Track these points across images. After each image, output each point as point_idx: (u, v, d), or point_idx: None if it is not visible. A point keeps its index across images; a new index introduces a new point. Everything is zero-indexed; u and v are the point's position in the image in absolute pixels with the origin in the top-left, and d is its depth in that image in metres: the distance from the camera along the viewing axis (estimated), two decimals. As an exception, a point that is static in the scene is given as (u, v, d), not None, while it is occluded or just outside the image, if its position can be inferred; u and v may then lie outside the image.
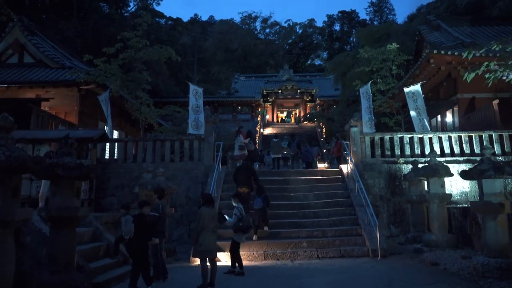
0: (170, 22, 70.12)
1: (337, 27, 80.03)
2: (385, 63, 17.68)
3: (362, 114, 15.51)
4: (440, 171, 10.88)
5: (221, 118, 34.92)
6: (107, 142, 14.85)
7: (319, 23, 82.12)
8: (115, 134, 23.16)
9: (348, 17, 78.89)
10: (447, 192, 11.56)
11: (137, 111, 16.56)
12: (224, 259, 10.68)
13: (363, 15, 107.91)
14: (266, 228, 11.49)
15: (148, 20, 17.12)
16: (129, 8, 48.89)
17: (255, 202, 11.38)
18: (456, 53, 16.54)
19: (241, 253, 10.71)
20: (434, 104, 19.37)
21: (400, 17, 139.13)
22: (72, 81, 17.36)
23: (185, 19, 75.60)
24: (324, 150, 28.06)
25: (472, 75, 8.36)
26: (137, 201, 11.29)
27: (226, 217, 9.16)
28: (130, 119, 18.19)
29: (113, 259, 9.19)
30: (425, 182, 12.74)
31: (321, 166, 22.04)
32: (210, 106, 34.59)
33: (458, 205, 12.91)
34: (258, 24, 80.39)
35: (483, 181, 7.85)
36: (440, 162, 12.09)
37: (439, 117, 20.65)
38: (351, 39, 75.12)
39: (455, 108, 18.91)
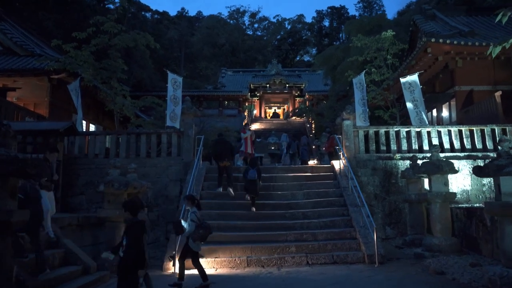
0: (156, 16, 68.69)
1: (326, 23, 79.50)
2: (379, 53, 16.55)
3: (355, 106, 14.37)
4: (443, 168, 9.75)
5: (207, 113, 33.67)
6: (76, 135, 13.48)
7: (308, 19, 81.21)
8: (92, 129, 21.79)
9: (337, 13, 78.32)
10: (450, 190, 10.42)
11: (111, 101, 15.18)
12: (204, 265, 9.47)
13: (352, 11, 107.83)
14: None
15: (123, 3, 15.74)
16: (113, -1, 47.15)
17: (249, 173, 11.21)
18: (455, 42, 15.48)
19: (222, 259, 9.61)
20: (430, 97, 18.29)
21: (390, 14, 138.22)
22: (41, 70, 15.95)
23: (172, 13, 74.29)
24: (313, 146, 26.99)
25: (499, 48, 7.16)
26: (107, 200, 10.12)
27: (184, 224, 7.80)
28: (109, 112, 16.84)
29: (70, 268, 7.89)
30: (425, 180, 11.70)
31: (310, 162, 20.87)
32: (195, 101, 33.40)
33: (459, 205, 11.85)
34: (246, 19, 79.26)
35: (500, 178, 6.72)
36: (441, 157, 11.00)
37: (434, 111, 19.63)
38: (340, 35, 74.42)
39: (452, 102, 17.90)
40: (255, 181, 11.19)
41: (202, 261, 9.51)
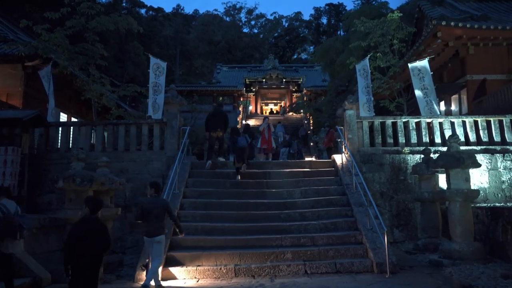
0: (151, 12, 67.16)
1: (324, 20, 78.33)
2: (384, 38, 15.11)
3: (358, 95, 12.94)
4: (465, 161, 8.33)
5: (200, 108, 32.20)
6: (45, 126, 12.01)
7: (306, 16, 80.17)
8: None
9: (335, 10, 77.14)
10: (472, 188, 8.99)
11: (88, 90, 13.71)
12: (181, 276, 8.05)
13: (350, 8, 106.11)
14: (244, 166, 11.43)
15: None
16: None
17: (239, 141, 11.41)
18: (468, 25, 14.08)
19: (205, 267, 8.13)
20: (438, 88, 16.74)
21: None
22: (11, 56, 14.49)
23: (168, 10, 72.81)
24: (311, 143, 25.68)
25: None
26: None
27: None
28: (91, 104, 15.50)
29: (16, 282, 6.44)
30: (440, 176, 10.31)
31: (308, 159, 19.49)
32: (186, 95, 31.89)
33: (477, 204, 10.43)
34: (243, 16, 77.85)
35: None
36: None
37: (442, 103, 18.18)
38: (338, 32, 73.01)
39: (463, 94, 16.50)
40: (245, 148, 11.32)
41: (182, 270, 8.12)
